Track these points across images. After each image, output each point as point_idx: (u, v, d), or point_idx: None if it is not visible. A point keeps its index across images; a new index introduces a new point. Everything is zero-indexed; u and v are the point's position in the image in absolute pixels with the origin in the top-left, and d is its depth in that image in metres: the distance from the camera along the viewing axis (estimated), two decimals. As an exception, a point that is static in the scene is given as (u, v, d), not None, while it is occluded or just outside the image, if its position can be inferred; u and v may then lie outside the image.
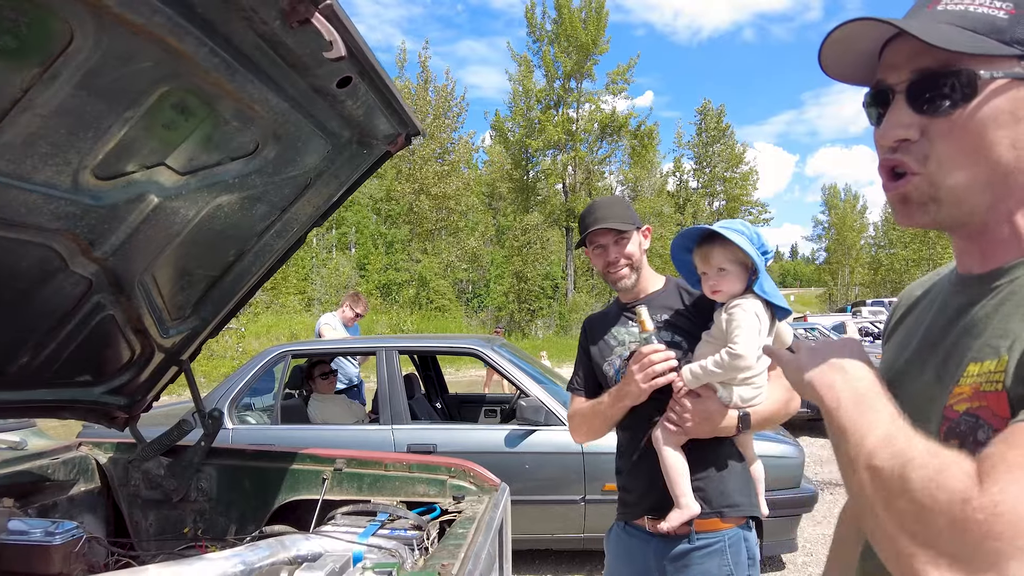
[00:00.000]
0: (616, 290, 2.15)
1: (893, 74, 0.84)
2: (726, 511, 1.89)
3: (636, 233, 2.08)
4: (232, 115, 1.58)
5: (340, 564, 1.61)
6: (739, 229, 1.84)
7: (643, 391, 1.88)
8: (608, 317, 2.19)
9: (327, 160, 1.99)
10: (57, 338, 1.95)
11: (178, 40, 1.27)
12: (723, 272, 1.81)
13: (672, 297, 2.09)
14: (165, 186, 1.68)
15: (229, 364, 16.70)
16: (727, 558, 1.87)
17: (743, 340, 1.74)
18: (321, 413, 5.04)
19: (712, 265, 1.83)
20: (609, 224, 2.02)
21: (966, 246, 0.89)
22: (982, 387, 0.77)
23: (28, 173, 1.36)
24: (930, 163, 0.81)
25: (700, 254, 1.88)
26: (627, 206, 2.14)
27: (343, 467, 2.46)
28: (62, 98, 1.24)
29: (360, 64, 1.60)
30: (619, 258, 2.06)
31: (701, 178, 41.31)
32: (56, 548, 1.82)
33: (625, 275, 2.07)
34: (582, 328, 2.27)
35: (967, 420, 0.77)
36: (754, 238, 1.83)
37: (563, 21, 30.86)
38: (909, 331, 1.01)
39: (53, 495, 2.47)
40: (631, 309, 2.07)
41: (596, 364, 2.13)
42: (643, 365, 1.86)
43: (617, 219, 2.04)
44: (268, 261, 2.32)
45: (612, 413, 2.02)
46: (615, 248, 2.06)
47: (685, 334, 1.98)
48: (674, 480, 1.85)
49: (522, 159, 33.44)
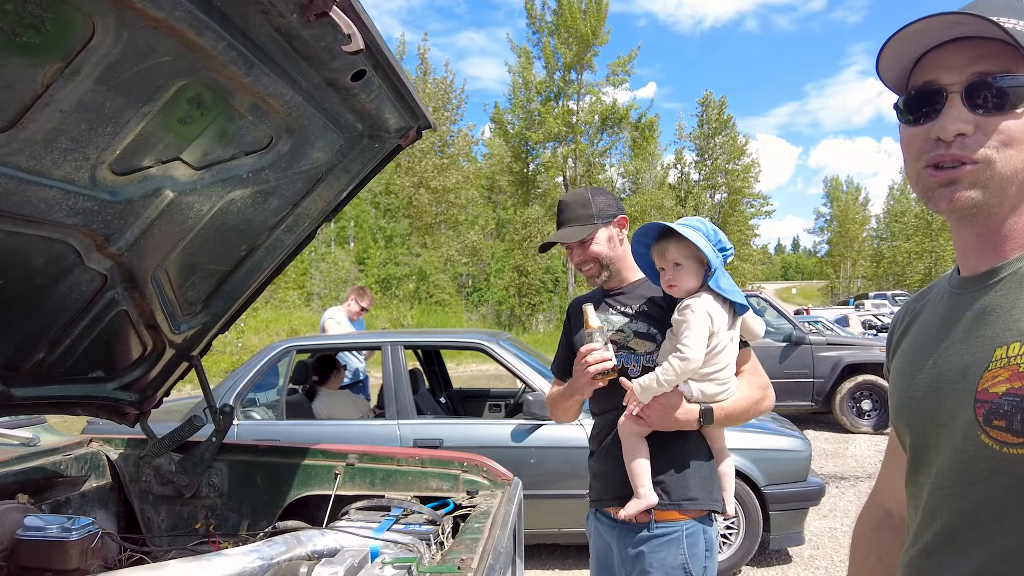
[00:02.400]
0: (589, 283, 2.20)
1: (948, 75, 0.92)
2: (684, 504, 1.92)
3: (605, 228, 2.09)
4: (247, 109, 1.57)
5: (359, 559, 1.61)
6: (695, 226, 1.87)
7: (587, 389, 1.95)
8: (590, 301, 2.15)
9: (339, 154, 1.99)
10: (71, 334, 1.95)
11: (197, 34, 1.26)
12: (679, 267, 1.85)
13: (651, 287, 2.09)
14: (180, 181, 1.67)
15: (229, 360, 16.70)
16: (683, 548, 1.91)
17: (692, 342, 1.78)
18: (327, 408, 5.04)
19: (668, 260, 1.86)
20: (560, 238, 2.06)
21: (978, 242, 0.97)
22: (1021, 367, 0.83)
23: (48, 169, 1.35)
24: (986, 154, 0.90)
25: (657, 250, 1.91)
26: (590, 203, 2.12)
27: (355, 462, 2.46)
28: (82, 93, 1.23)
29: (375, 57, 1.60)
30: (585, 260, 2.09)
31: (703, 170, 41.22)
32: (73, 544, 1.82)
33: (594, 274, 2.12)
34: (567, 312, 2.30)
35: (1010, 400, 0.83)
36: (711, 235, 1.87)
37: (563, 12, 30.72)
38: (916, 339, 1.09)
39: (66, 491, 2.47)
40: (614, 295, 2.12)
41: (576, 349, 2.11)
42: (583, 364, 1.91)
43: (577, 222, 2.08)
44: (279, 256, 2.32)
45: (570, 404, 2.12)
46: (579, 251, 2.09)
47: (660, 326, 1.99)
48: (634, 470, 1.90)
49: (522, 152, 33.35)
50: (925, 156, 0.94)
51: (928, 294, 1.15)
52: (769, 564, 4.71)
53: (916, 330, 1.11)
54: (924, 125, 0.94)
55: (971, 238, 0.98)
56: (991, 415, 0.85)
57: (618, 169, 36.39)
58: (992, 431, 0.85)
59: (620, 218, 2.14)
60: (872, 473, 6.73)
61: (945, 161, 0.92)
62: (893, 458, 1.25)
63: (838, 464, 7.37)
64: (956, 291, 1.02)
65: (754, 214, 41.70)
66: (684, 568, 1.90)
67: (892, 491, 1.23)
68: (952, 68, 0.92)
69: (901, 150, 1.00)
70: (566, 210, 2.13)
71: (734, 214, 40.72)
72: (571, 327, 2.22)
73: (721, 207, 41.30)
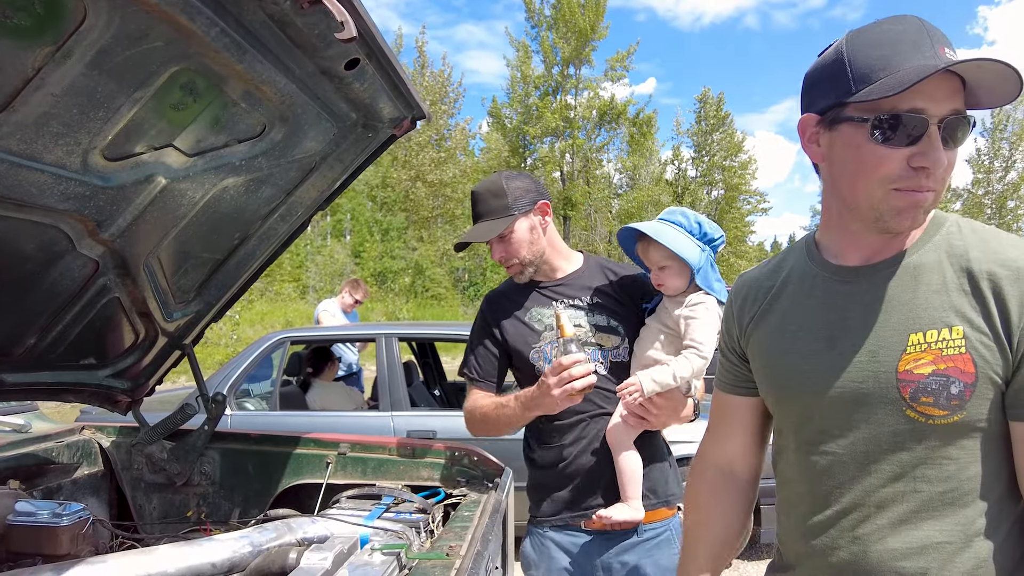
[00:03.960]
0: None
1: (934, 107, 1.00)
2: (671, 499, 1.91)
3: (525, 217, 1.90)
4: (240, 96, 1.57)
5: (348, 546, 1.62)
6: (677, 222, 1.82)
7: (559, 406, 1.74)
8: (520, 296, 1.99)
9: (333, 143, 1.99)
10: (63, 320, 1.95)
11: (190, 19, 1.26)
12: (664, 270, 1.81)
13: (595, 276, 1.98)
14: (173, 168, 1.67)
15: (224, 351, 16.68)
16: (675, 546, 1.88)
17: (707, 340, 1.76)
18: (320, 400, 5.05)
19: (652, 262, 1.83)
20: (474, 237, 1.88)
21: (882, 243, 1.10)
22: (944, 352, 1.01)
23: (39, 153, 1.35)
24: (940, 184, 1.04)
25: (640, 249, 1.88)
26: (504, 192, 1.90)
27: (347, 451, 2.47)
28: (74, 77, 1.23)
29: (369, 46, 1.60)
30: (507, 257, 1.92)
31: (700, 167, 41.22)
32: (63, 529, 1.82)
33: (518, 271, 1.95)
34: (483, 307, 2.04)
35: (937, 379, 1.01)
36: (695, 229, 1.82)
37: (561, 6, 30.64)
38: (784, 316, 1.21)
39: (57, 478, 2.48)
40: (551, 289, 1.95)
41: (514, 350, 1.95)
42: (562, 379, 1.66)
43: (492, 215, 1.89)
44: (272, 245, 2.31)
45: (519, 421, 1.87)
46: (499, 246, 1.91)
47: (620, 318, 1.90)
48: (631, 479, 1.80)
49: (520, 146, 33.31)
50: (900, 180, 1.02)
51: (778, 274, 1.26)
52: (760, 557, 4.74)
53: (784, 310, 1.22)
54: (901, 149, 1.01)
55: (878, 240, 1.11)
56: (919, 393, 1.02)
57: (615, 165, 36.40)
58: (919, 407, 1.02)
59: (541, 204, 1.95)
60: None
61: (922, 189, 1.02)
62: (735, 422, 1.36)
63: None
64: (836, 278, 1.15)
65: (751, 211, 41.74)
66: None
67: (734, 453, 1.37)
68: (937, 100, 0.99)
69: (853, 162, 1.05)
70: (479, 203, 1.92)
71: (731, 211, 40.74)
72: (495, 322, 1.98)
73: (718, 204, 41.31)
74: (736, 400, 1.35)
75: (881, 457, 1.07)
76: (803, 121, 1.14)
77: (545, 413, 1.82)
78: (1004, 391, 1.01)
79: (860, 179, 1.05)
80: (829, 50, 1.10)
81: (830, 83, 1.06)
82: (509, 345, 1.95)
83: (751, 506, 1.40)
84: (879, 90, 0.99)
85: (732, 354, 1.35)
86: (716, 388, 1.40)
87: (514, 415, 1.85)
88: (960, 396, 1.00)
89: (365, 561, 1.53)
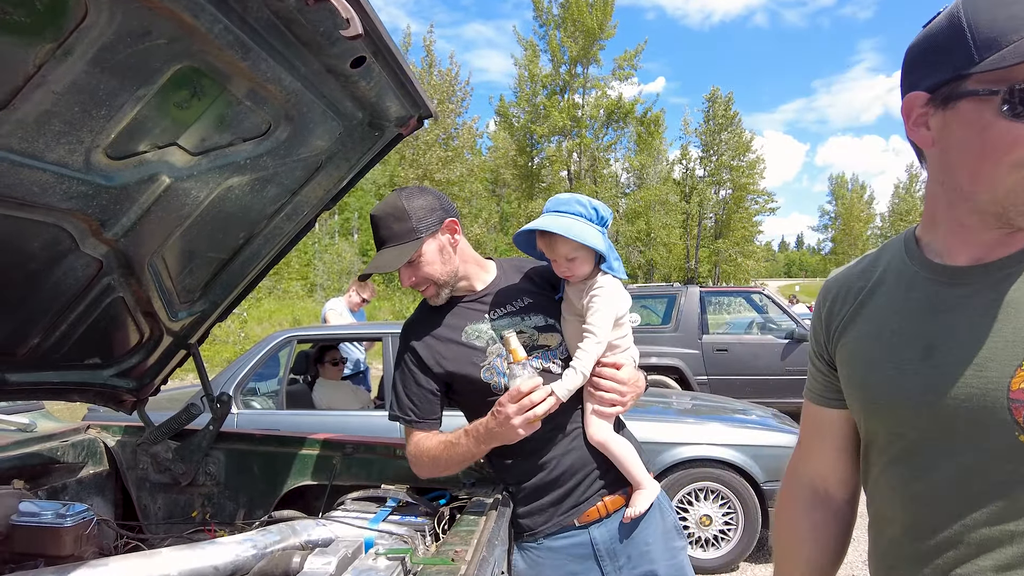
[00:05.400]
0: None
1: None
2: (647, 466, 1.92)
3: (433, 239, 1.81)
4: (245, 95, 1.56)
5: (352, 550, 1.60)
6: (577, 212, 1.81)
7: (520, 436, 1.65)
8: (444, 317, 1.90)
9: (338, 142, 1.97)
10: (67, 320, 1.94)
11: (193, 16, 1.24)
12: (573, 260, 1.81)
13: (514, 278, 1.96)
14: (177, 167, 1.65)
15: (231, 349, 16.75)
16: (666, 508, 1.94)
17: (603, 325, 1.78)
18: (327, 399, 5.04)
19: (560, 255, 1.82)
20: (379, 268, 1.76)
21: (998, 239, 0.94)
22: None
23: (41, 152, 1.33)
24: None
25: (544, 244, 1.86)
26: (407, 215, 1.79)
27: (352, 452, 2.45)
28: (75, 75, 1.22)
29: (375, 44, 1.58)
30: (418, 283, 1.84)
31: (708, 166, 41.11)
32: (67, 530, 1.81)
33: (432, 294, 1.87)
34: (405, 339, 1.91)
35: None
36: (592, 215, 1.82)
37: (570, 5, 30.62)
38: (875, 321, 1.06)
39: (62, 477, 2.47)
40: (477, 302, 1.90)
41: (458, 375, 1.84)
42: (522, 407, 1.59)
43: (396, 240, 1.78)
44: (278, 244, 2.30)
45: (474, 455, 1.78)
46: (408, 272, 1.82)
47: (553, 313, 1.90)
48: (632, 463, 1.84)
49: (527, 145, 33.30)
50: None
51: (871, 274, 1.11)
52: (767, 561, 4.70)
53: (876, 314, 1.07)
54: None
55: (993, 237, 0.95)
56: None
57: (623, 164, 36.33)
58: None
59: (448, 222, 1.86)
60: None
61: None
62: (826, 436, 1.22)
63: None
64: (939, 279, 0.99)
65: (758, 211, 41.60)
66: (675, 526, 1.94)
67: (826, 471, 1.23)
68: None
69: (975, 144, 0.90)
70: (381, 227, 1.81)
71: (738, 210, 40.64)
72: (425, 353, 1.86)
73: (725, 203, 41.19)
74: (826, 412, 1.20)
75: (987, 489, 0.91)
76: (908, 101, 0.97)
77: (504, 443, 1.71)
78: None
79: (985, 164, 0.89)
80: (939, 17, 0.93)
81: (944, 54, 0.90)
82: (450, 372, 1.85)
83: (849, 529, 1.26)
84: (1013, 55, 0.82)
85: (820, 361, 1.20)
86: (805, 398, 1.26)
87: (467, 452, 1.76)
88: None
89: (369, 566, 1.51)
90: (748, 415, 4.90)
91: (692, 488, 4.39)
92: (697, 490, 4.40)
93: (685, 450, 4.32)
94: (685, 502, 4.40)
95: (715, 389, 8.34)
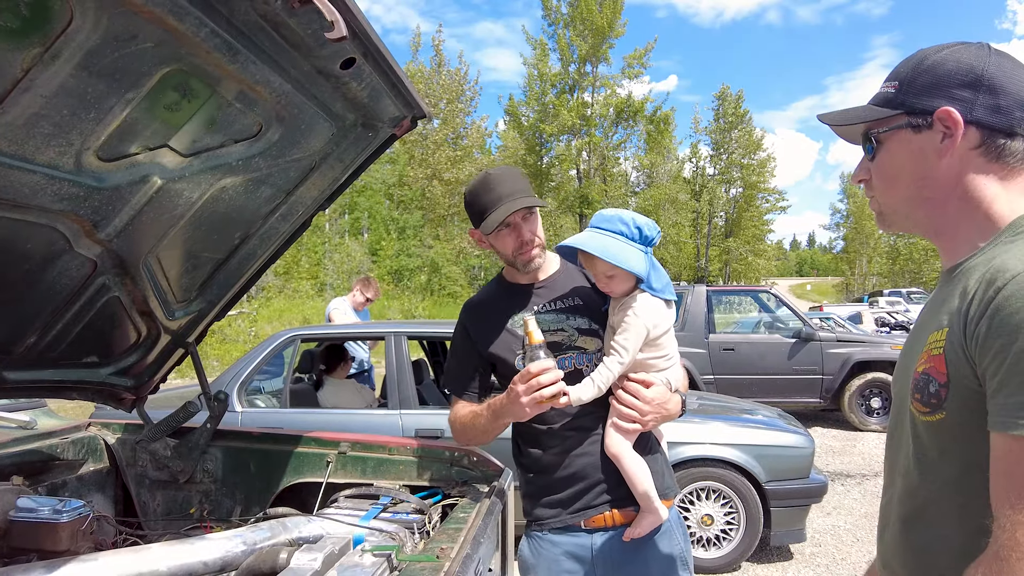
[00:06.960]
0: (524, 272, 1.92)
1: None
2: (668, 492, 1.89)
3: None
4: (235, 97, 1.57)
5: (340, 546, 1.61)
6: (616, 231, 1.79)
7: (528, 414, 1.70)
8: (501, 301, 1.96)
9: (332, 143, 1.98)
10: (63, 319, 1.96)
11: (178, 20, 1.26)
12: (612, 278, 1.80)
13: (573, 277, 1.96)
14: (168, 168, 1.67)
15: (241, 348, 16.84)
16: (676, 537, 1.89)
17: (630, 345, 1.76)
18: (332, 397, 5.07)
19: (598, 272, 1.81)
20: (529, 202, 1.79)
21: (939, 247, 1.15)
22: (931, 351, 1.03)
23: (31, 154, 1.36)
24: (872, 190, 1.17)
25: (583, 259, 1.85)
26: (526, 177, 1.90)
27: (347, 450, 2.47)
28: (63, 78, 1.24)
29: (364, 45, 1.59)
30: (533, 237, 1.86)
31: (718, 164, 40.93)
32: (63, 525, 1.84)
33: (538, 255, 1.89)
34: (463, 317, 1.99)
35: (923, 377, 1.03)
36: (635, 234, 1.79)
37: (579, 3, 30.56)
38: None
39: (62, 474, 2.51)
40: (534, 291, 1.92)
41: (499, 359, 1.91)
42: (530, 387, 1.63)
43: (525, 193, 1.83)
44: (274, 244, 2.32)
45: (492, 429, 1.84)
46: (526, 226, 1.85)
47: (599, 319, 1.89)
48: (642, 482, 1.79)
49: (536, 144, 33.29)
50: None
51: None
52: (770, 560, 4.70)
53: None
54: None
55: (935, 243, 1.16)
56: (914, 390, 1.05)
57: (632, 162, 36.24)
58: (914, 403, 1.06)
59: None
60: (879, 471, 6.67)
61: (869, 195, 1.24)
62: None
63: (845, 461, 7.32)
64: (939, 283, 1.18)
65: (769, 209, 41.39)
66: (681, 557, 1.89)
67: None
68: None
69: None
70: (508, 181, 1.84)
71: (749, 209, 40.45)
72: (477, 332, 1.94)
73: (736, 202, 41.01)
74: None
75: (899, 445, 1.12)
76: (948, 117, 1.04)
77: (515, 420, 1.80)
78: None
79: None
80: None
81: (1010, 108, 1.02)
82: (492, 354, 1.91)
83: None
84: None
85: None
86: None
87: (487, 424, 1.83)
88: (937, 396, 1.00)
89: (355, 562, 1.53)
90: (754, 415, 4.89)
91: (694, 487, 4.38)
92: (699, 489, 4.40)
93: (687, 449, 4.32)
94: (687, 501, 4.40)
95: (721, 388, 8.32)
